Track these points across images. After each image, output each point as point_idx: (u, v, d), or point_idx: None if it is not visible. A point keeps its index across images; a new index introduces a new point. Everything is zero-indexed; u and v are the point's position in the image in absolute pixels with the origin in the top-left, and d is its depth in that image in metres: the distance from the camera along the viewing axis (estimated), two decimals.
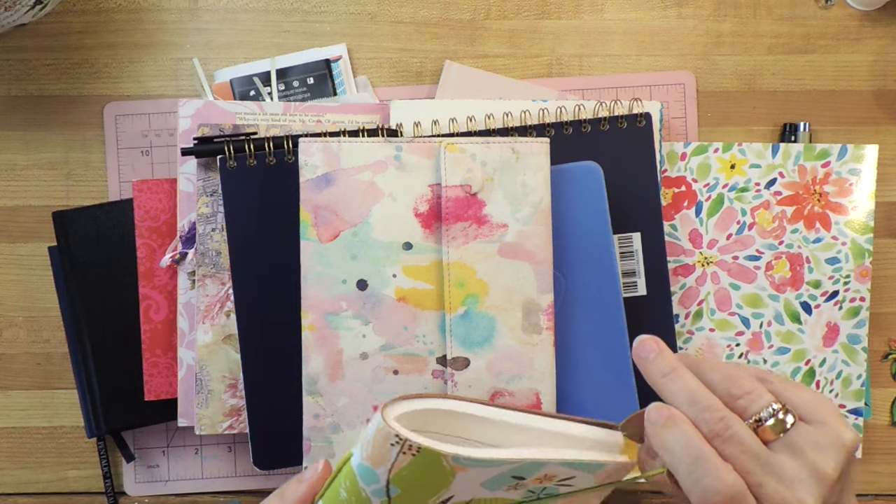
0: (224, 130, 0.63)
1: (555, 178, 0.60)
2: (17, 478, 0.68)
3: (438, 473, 0.41)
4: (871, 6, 0.68)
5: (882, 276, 0.69)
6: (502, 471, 0.42)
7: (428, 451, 0.39)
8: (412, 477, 0.41)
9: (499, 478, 0.42)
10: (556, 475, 0.42)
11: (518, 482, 0.43)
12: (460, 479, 0.41)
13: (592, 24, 0.68)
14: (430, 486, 0.42)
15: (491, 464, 0.41)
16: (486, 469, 0.41)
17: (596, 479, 0.43)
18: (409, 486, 0.42)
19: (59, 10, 0.67)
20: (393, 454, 0.40)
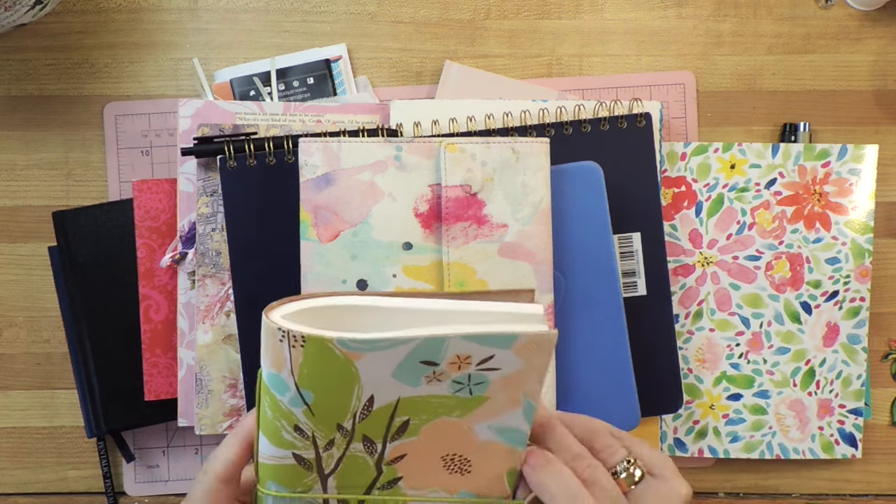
0: (224, 130, 0.63)
1: (555, 178, 0.60)
2: (17, 478, 0.68)
3: (337, 366, 0.40)
4: (871, 6, 0.68)
5: (882, 276, 0.69)
6: (403, 354, 0.40)
7: (312, 338, 0.39)
8: (314, 375, 0.40)
9: (407, 365, 0.41)
10: (471, 356, 0.41)
11: (433, 370, 0.41)
12: (364, 371, 0.40)
13: (592, 24, 0.68)
14: (337, 384, 0.41)
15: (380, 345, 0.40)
16: (383, 354, 0.40)
17: (517, 353, 0.41)
18: (319, 387, 0.41)
19: (59, 10, 0.67)
20: (285, 351, 0.40)
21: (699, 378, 0.67)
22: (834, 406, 0.67)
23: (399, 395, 0.42)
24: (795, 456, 0.67)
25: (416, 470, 0.45)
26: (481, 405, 0.43)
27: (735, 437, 0.67)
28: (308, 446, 0.43)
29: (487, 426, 0.44)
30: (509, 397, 0.43)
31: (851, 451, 0.67)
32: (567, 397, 0.61)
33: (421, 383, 0.42)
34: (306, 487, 0.44)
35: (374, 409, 0.42)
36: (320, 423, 0.42)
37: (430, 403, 0.43)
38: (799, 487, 0.69)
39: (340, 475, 0.44)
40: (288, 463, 0.43)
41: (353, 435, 0.43)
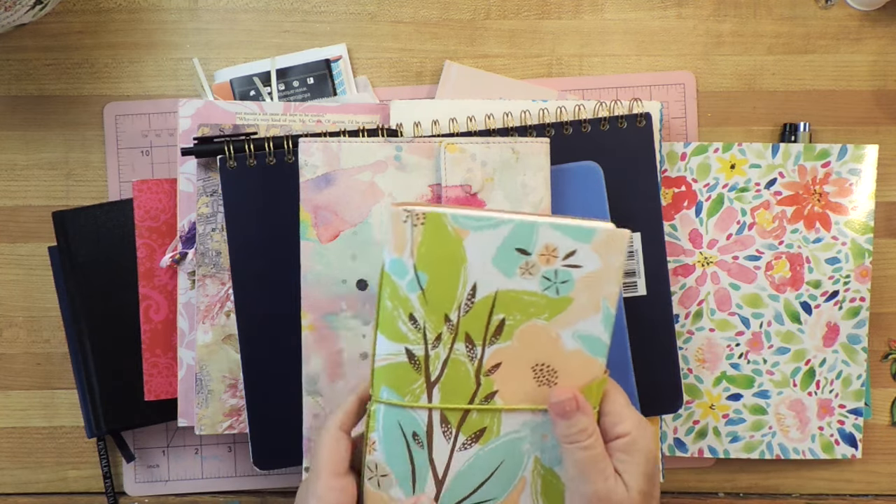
0: (224, 130, 0.63)
1: (555, 178, 0.60)
2: (17, 478, 0.68)
3: (448, 243, 0.46)
4: (871, 6, 0.68)
5: (882, 276, 0.69)
6: (501, 237, 0.46)
7: (431, 215, 0.45)
8: (430, 254, 0.46)
9: (504, 251, 0.46)
10: (557, 248, 0.46)
11: (526, 260, 0.46)
12: (470, 251, 0.46)
13: (592, 24, 0.68)
14: (448, 264, 0.46)
15: (484, 222, 0.45)
16: (485, 235, 0.46)
17: (595, 250, 0.46)
18: (433, 268, 0.46)
19: (59, 10, 0.67)
20: (408, 231, 0.45)
21: (699, 378, 0.67)
22: (834, 406, 0.67)
23: (497, 288, 0.46)
24: (795, 456, 0.67)
25: (510, 382, 0.47)
26: (567, 308, 0.47)
27: (735, 437, 0.67)
28: (419, 339, 0.47)
29: (572, 333, 0.47)
30: (590, 300, 0.47)
31: (851, 451, 0.67)
32: None
33: (515, 274, 0.46)
34: (415, 396, 0.47)
35: (476, 299, 0.46)
36: (431, 311, 0.46)
37: (522, 301, 0.46)
38: (799, 487, 0.69)
39: (444, 385, 0.47)
40: (401, 360, 0.47)
41: (458, 331, 0.47)
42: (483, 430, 0.48)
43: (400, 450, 0.47)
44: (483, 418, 0.47)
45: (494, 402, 0.47)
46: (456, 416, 0.47)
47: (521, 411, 0.47)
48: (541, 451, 0.48)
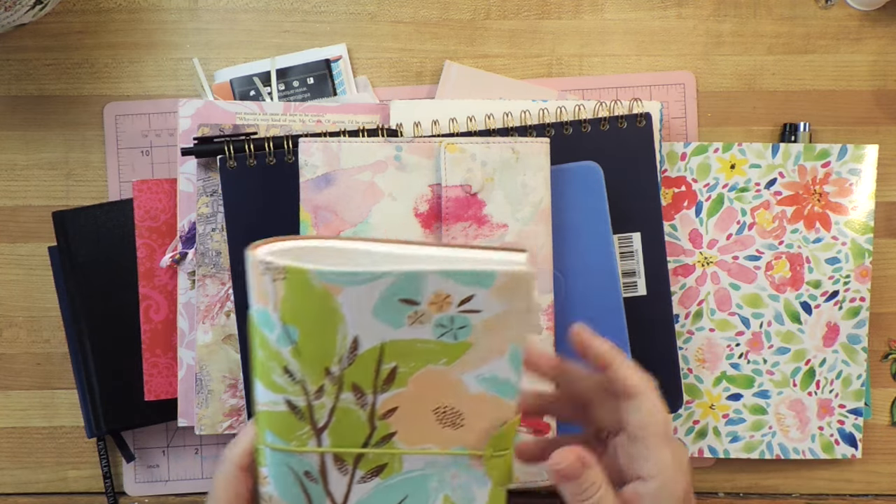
0: (224, 130, 0.63)
1: (555, 178, 0.60)
2: (17, 478, 0.68)
3: (317, 300, 0.40)
4: (871, 6, 0.68)
5: (882, 276, 0.69)
6: (382, 289, 0.40)
7: (292, 269, 0.39)
8: (297, 309, 0.40)
9: (387, 303, 0.41)
10: (451, 296, 0.41)
11: (415, 310, 0.41)
12: (346, 307, 0.40)
13: (592, 24, 0.68)
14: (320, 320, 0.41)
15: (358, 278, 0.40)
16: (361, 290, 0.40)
17: (496, 295, 0.41)
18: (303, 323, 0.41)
19: (59, 10, 0.67)
20: (268, 284, 0.40)
21: (699, 378, 0.67)
22: (834, 406, 0.67)
23: (383, 339, 0.42)
24: (795, 456, 0.67)
25: (410, 424, 0.44)
26: (467, 352, 0.43)
27: (735, 437, 0.67)
28: (299, 392, 0.42)
29: (476, 376, 0.43)
30: (494, 344, 0.43)
31: (851, 451, 0.67)
32: None
33: (404, 324, 0.41)
34: (301, 441, 0.43)
35: (359, 352, 0.42)
36: (307, 365, 0.42)
37: (415, 349, 0.42)
38: (799, 487, 0.69)
39: (334, 431, 0.44)
40: (281, 410, 0.43)
41: (343, 383, 0.42)
42: (383, 466, 0.45)
43: (293, 485, 0.45)
44: (382, 456, 0.45)
45: (393, 442, 0.44)
46: (351, 457, 0.44)
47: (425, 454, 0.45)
48: (451, 490, 0.45)
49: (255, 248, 0.40)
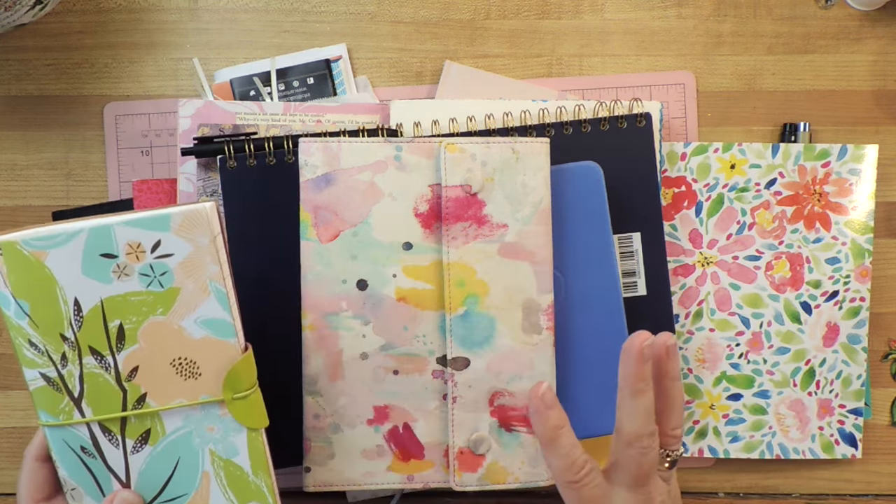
0: (224, 130, 0.63)
1: (555, 178, 0.60)
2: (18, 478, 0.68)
3: (33, 269, 0.46)
4: (871, 6, 0.68)
5: (882, 276, 0.69)
6: (80, 247, 0.46)
7: (6, 244, 0.46)
8: (21, 282, 0.46)
9: (90, 260, 0.47)
10: (141, 243, 0.47)
11: (116, 263, 0.47)
12: (56, 270, 0.46)
13: (592, 24, 0.68)
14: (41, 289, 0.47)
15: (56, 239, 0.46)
16: (64, 251, 0.46)
17: (179, 235, 0.47)
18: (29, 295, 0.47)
19: (59, 10, 0.67)
20: None
21: (699, 378, 0.67)
22: (834, 406, 0.67)
23: (101, 296, 0.47)
24: (795, 456, 0.67)
25: (155, 382, 0.49)
26: (177, 297, 0.48)
27: (735, 437, 0.67)
28: (47, 362, 0.48)
29: (194, 321, 0.48)
30: (197, 285, 0.48)
31: (851, 451, 0.67)
32: (566, 397, 0.61)
33: (112, 279, 0.47)
34: (67, 414, 0.48)
35: (84, 313, 0.47)
36: (45, 334, 0.47)
37: (132, 303, 0.48)
38: (799, 487, 0.69)
39: (91, 399, 0.48)
40: (41, 385, 0.48)
41: (80, 346, 0.48)
42: (148, 432, 0.49)
43: (76, 463, 0.49)
44: (143, 421, 0.49)
45: (147, 403, 0.49)
46: (115, 424, 0.49)
47: (179, 408, 0.49)
48: (213, 444, 0.50)
49: None
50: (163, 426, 0.49)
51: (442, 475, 0.59)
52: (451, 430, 0.58)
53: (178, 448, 0.49)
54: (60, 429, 0.49)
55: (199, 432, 0.50)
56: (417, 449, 0.59)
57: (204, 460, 0.50)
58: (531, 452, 0.59)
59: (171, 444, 0.49)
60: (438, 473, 0.59)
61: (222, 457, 0.50)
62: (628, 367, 0.49)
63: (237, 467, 0.50)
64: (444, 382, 0.59)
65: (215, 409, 0.50)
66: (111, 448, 0.49)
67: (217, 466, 0.50)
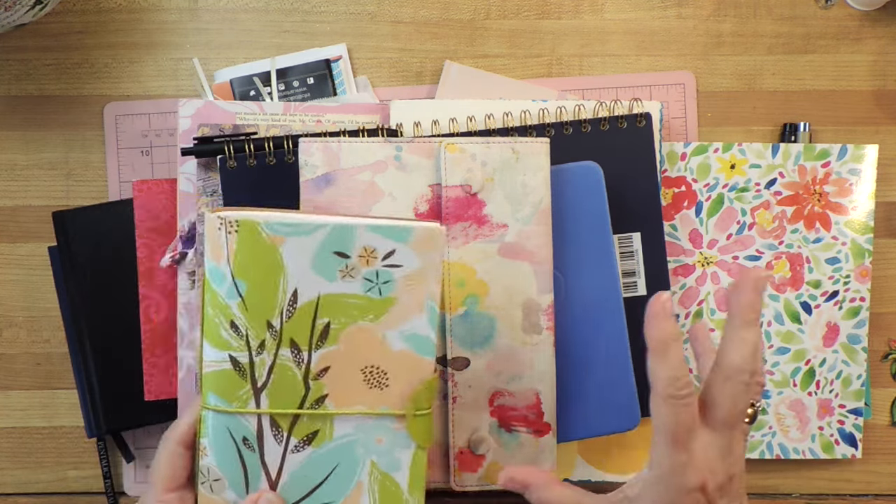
0: (224, 130, 0.63)
1: (555, 178, 0.60)
2: (17, 478, 0.68)
3: (264, 251, 0.46)
4: (871, 6, 0.68)
5: (882, 276, 0.69)
6: (319, 241, 0.46)
7: (244, 222, 0.45)
8: (247, 262, 0.46)
9: (322, 255, 0.46)
10: (376, 249, 0.47)
11: (346, 263, 0.46)
12: (287, 257, 0.46)
13: (592, 24, 0.68)
14: (266, 272, 0.46)
15: (300, 228, 0.46)
16: (302, 241, 0.46)
17: (413, 248, 0.47)
18: (251, 275, 0.46)
19: (59, 10, 0.67)
20: (223, 239, 0.45)
21: (699, 378, 0.67)
22: (834, 406, 0.67)
23: (319, 292, 0.47)
24: (795, 456, 0.67)
25: (340, 385, 0.48)
26: (391, 308, 0.48)
27: None
28: (243, 346, 0.47)
29: (399, 333, 0.48)
30: (414, 300, 0.48)
31: (851, 451, 0.67)
32: (567, 397, 0.61)
33: (336, 278, 0.47)
34: (242, 402, 0.47)
35: (298, 305, 0.47)
36: (252, 318, 0.47)
37: (346, 304, 0.47)
38: (799, 487, 0.69)
39: (272, 390, 0.47)
40: (226, 368, 0.47)
41: (282, 337, 0.47)
42: (316, 433, 0.48)
43: (230, 454, 0.48)
44: (314, 421, 0.48)
45: (325, 405, 0.48)
46: (286, 420, 0.48)
47: (354, 415, 0.48)
48: (377, 455, 0.49)
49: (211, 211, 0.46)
50: (332, 430, 0.48)
51: (442, 475, 0.59)
52: (451, 430, 0.58)
53: (340, 454, 0.48)
54: (228, 416, 0.47)
55: (366, 442, 0.48)
56: None
57: (363, 471, 0.49)
58: (531, 452, 0.59)
59: (334, 450, 0.48)
60: (438, 473, 0.59)
61: (383, 470, 0.49)
62: (742, 295, 0.46)
63: (394, 483, 0.49)
64: (444, 382, 0.59)
65: (391, 422, 0.48)
66: (273, 443, 0.48)
67: (373, 479, 0.49)
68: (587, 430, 0.61)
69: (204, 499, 0.48)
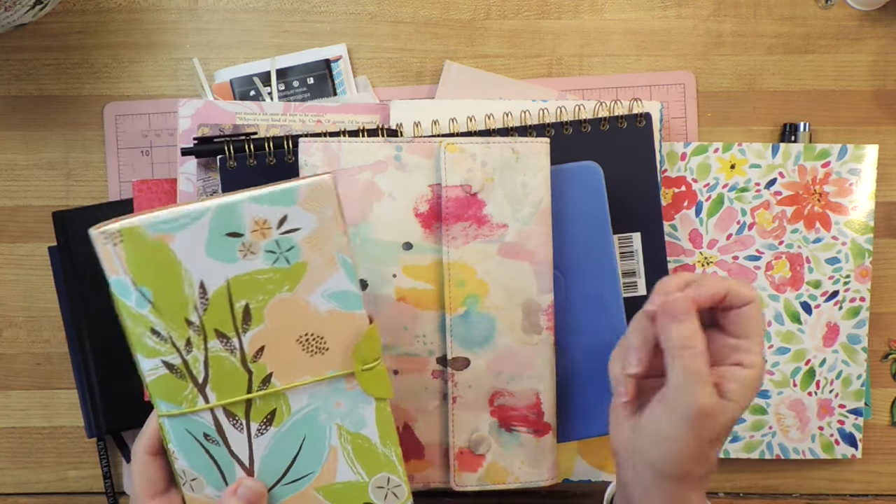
0: (224, 130, 0.63)
1: (555, 178, 0.60)
2: (17, 478, 0.68)
3: (156, 253, 0.45)
4: (871, 6, 0.68)
5: (882, 276, 0.69)
6: (206, 227, 0.45)
7: (126, 229, 0.44)
8: (143, 268, 0.45)
9: (215, 240, 0.45)
10: (267, 219, 0.46)
11: (242, 241, 0.46)
12: (181, 253, 0.45)
13: (592, 24, 0.68)
14: (165, 273, 0.45)
15: (181, 220, 0.45)
16: (189, 232, 0.45)
17: (304, 208, 0.46)
18: (152, 281, 0.45)
19: (59, 10, 0.67)
20: (112, 251, 0.45)
21: None
22: (834, 406, 0.67)
23: (226, 276, 0.46)
24: (795, 456, 0.67)
25: (281, 361, 0.48)
26: (304, 273, 0.47)
27: (735, 437, 0.67)
28: (170, 349, 0.46)
29: (320, 294, 0.47)
30: (324, 259, 0.47)
31: (851, 451, 0.67)
32: (567, 397, 0.61)
33: (238, 258, 0.46)
34: (190, 402, 0.47)
35: (209, 295, 0.46)
36: (170, 320, 0.46)
37: (258, 282, 0.46)
38: (799, 487, 0.69)
39: (216, 383, 0.47)
40: (163, 373, 0.47)
41: (205, 330, 0.46)
42: (273, 412, 0.48)
43: (197, 453, 0.48)
44: (268, 402, 0.48)
45: (272, 383, 0.48)
46: (239, 407, 0.48)
47: (304, 385, 0.48)
48: (340, 418, 0.49)
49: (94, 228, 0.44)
50: (288, 406, 0.48)
51: (442, 475, 0.59)
52: (451, 430, 0.58)
53: (304, 426, 0.49)
54: (182, 418, 0.48)
55: (326, 408, 0.49)
56: (417, 449, 0.59)
57: (331, 436, 0.49)
58: (531, 452, 0.59)
59: (296, 424, 0.49)
60: (438, 473, 0.59)
61: (350, 430, 0.49)
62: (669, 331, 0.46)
63: (365, 439, 0.49)
64: (444, 382, 0.59)
65: (342, 383, 0.49)
66: (235, 433, 0.48)
67: (344, 441, 0.49)
68: (587, 430, 0.61)
69: (190, 499, 0.49)
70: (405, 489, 0.50)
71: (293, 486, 0.49)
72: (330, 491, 0.50)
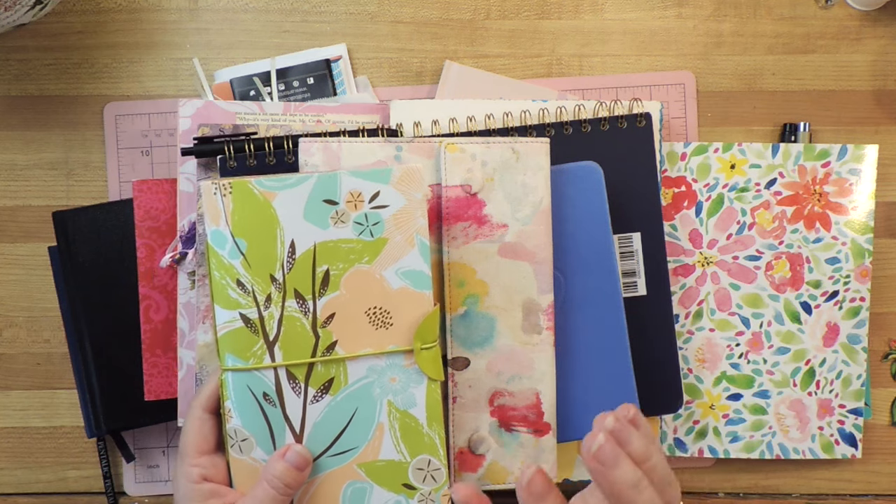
0: (224, 130, 0.63)
1: (555, 178, 0.60)
2: (17, 478, 0.68)
3: (259, 207, 0.49)
4: (871, 6, 0.68)
5: (882, 276, 0.69)
6: (307, 191, 0.50)
7: (237, 183, 0.49)
8: (244, 221, 0.50)
9: (313, 204, 0.50)
10: (362, 192, 0.51)
11: (336, 210, 0.50)
12: (281, 211, 0.50)
13: (592, 24, 0.68)
14: (263, 228, 0.49)
15: (287, 182, 0.50)
16: (291, 193, 0.50)
17: (396, 188, 0.51)
18: (249, 233, 0.50)
19: (59, 10, 0.67)
20: (219, 202, 0.50)
21: (699, 378, 0.67)
22: (834, 406, 0.67)
23: (314, 241, 0.50)
24: (795, 456, 0.67)
25: (348, 330, 0.50)
26: (384, 248, 0.51)
27: (735, 437, 0.67)
28: (251, 303, 0.50)
29: (395, 270, 0.51)
30: (404, 237, 0.51)
31: (851, 451, 0.67)
32: (567, 397, 0.61)
33: (329, 225, 0.50)
34: (258, 358, 0.50)
35: (296, 256, 0.50)
36: (256, 274, 0.50)
37: (341, 250, 0.50)
38: (799, 487, 0.69)
39: (284, 343, 0.50)
40: (238, 326, 0.50)
41: (286, 289, 0.50)
42: (331, 381, 0.50)
43: (254, 412, 0.50)
44: (328, 369, 0.50)
45: (336, 351, 0.50)
46: (301, 370, 0.50)
47: (365, 357, 0.51)
48: (392, 395, 0.51)
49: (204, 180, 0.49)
50: (346, 375, 0.50)
51: None
52: (451, 430, 0.58)
53: (358, 399, 0.50)
54: (246, 374, 0.50)
55: (381, 383, 0.51)
56: None
57: (381, 412, 0.51)
58: (531, 452, 0.59)
59: (351, 395, 0.50)
60: None
61: (400, 408, 0.51)
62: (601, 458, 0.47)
63: (413, 419, 0.51)
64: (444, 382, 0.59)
65: (400, 359, 0.51)
66: (293, 396, 0.50)
67: (393, 418, 0.51)
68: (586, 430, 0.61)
69: (235, 461, 0.50)
70: (444, 473, 0.52)
71: (337, 459, 0.51)
72: (372, 468, 0.51)
